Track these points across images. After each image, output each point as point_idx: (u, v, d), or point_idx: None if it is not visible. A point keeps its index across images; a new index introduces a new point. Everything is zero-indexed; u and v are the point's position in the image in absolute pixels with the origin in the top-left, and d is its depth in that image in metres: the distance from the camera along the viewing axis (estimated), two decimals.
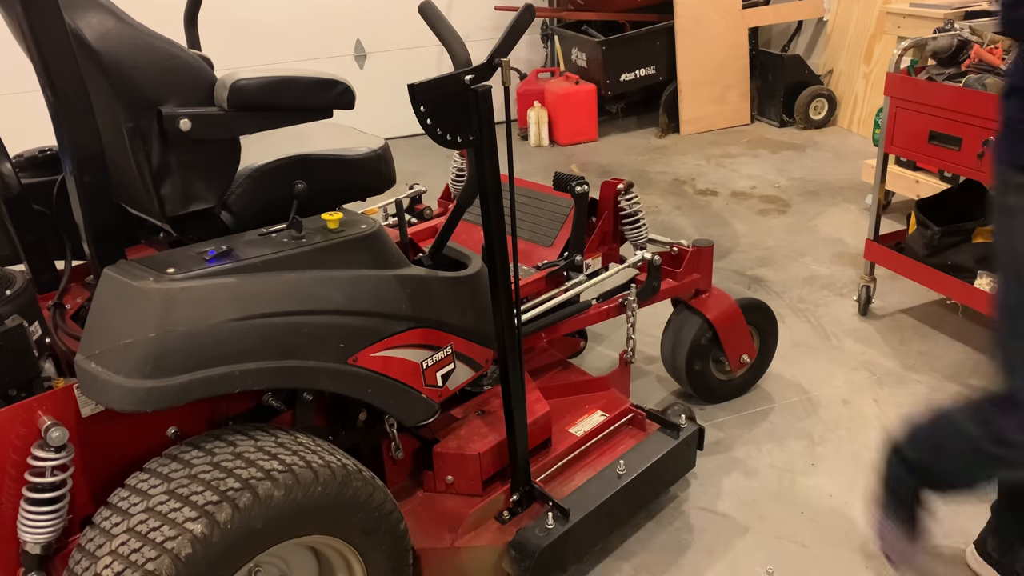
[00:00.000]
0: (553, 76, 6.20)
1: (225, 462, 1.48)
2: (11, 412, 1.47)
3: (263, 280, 1.58)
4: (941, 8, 4.02)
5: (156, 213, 1.69)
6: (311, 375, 1.62)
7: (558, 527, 1.94)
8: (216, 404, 1.71)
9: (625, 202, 2.57)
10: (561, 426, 2.25)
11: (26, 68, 1.47)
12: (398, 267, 1.79)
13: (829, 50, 6.07)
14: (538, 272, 2.40)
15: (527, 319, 2.24)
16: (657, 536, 2.26)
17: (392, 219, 2.77)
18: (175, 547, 1.35)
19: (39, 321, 1.67)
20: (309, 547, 1.68)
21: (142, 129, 1.60)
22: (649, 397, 2.87)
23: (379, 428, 1.94)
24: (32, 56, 1.38)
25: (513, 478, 2.00)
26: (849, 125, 5.87)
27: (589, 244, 2.55)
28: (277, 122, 1.75)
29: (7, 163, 1.90)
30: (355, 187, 1.97)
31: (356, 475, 1.59)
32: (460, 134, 1.65)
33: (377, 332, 1.73)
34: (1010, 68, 1.58)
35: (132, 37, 1.58)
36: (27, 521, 1.47)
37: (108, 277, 1.52)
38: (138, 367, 1.43)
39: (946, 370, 2.92)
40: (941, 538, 2.21)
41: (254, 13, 5.55)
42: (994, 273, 1.59)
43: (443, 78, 1.61)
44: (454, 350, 1.92)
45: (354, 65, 6.07)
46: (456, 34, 1.66)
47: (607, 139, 6.05)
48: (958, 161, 2.90)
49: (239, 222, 1.77)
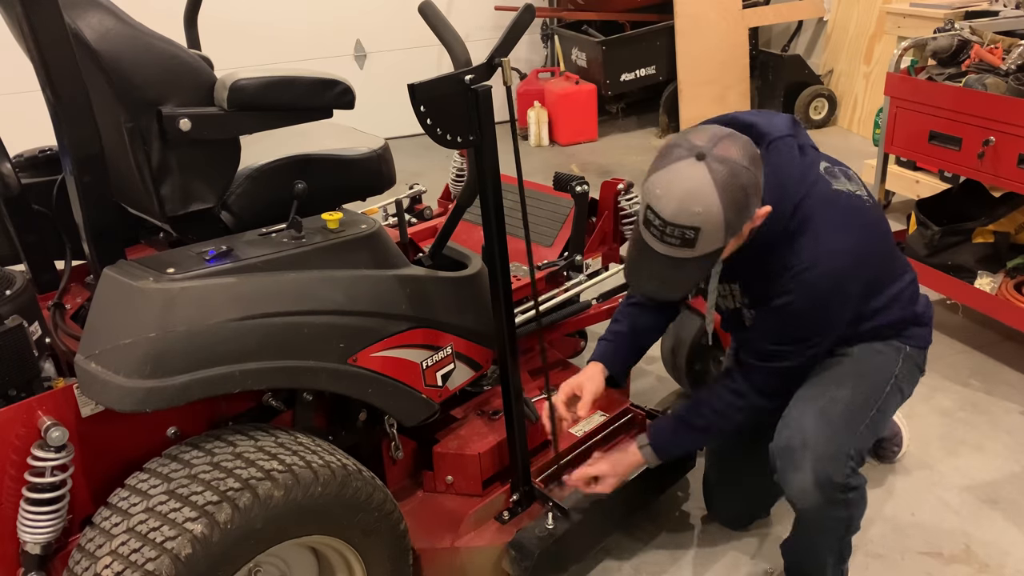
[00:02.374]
0: (553, 76, 6.19)
1: (225, 462, 1.48)
2: (11, 412, 1.46)
3: (263, 280, 1.58)
4: (941, 8, 4.03)
5: (156, 213, 1.69)
6: (311, 375, 1.62)
7: (558, 527, 1.94)
8: (216, 404, 1.70)
9: (625, 202, 2.57)
10: (561, 426, 2.25)
11: (26, 68, 1.46)
12: (398, 267, 1.79)
13: (829, 50, 6.07)
14: (538, 272, 2.39)
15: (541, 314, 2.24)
16: (657, 536, 2.26)
17: (392, 219, 2.76)
18: (175, 547, 1.35)
19: (39, 321, 1.66)
20: (309, 547, 1.68)
21: (142, 129, 1.60)
22: (649, 397, 2.86)
23: (379, 428, 1.94)
24: (32, 56, 1.38)
25: (513, 478, 2.00)
26: (849, 125, 5.87)
27: (589, 244, 2.55)
28: (277, 122, 1.75)
29: (7, 163, 1.90)
30: (355, 187, 1.97)
31: (356, 475, 1.59)
32: (460, 134, 1.65)
33: (377, 332, 1.73)
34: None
35: (132, 37, 1.58)
36: (27, 521, 1.47)
37: (108, 277, 1.52)
38: (138, 367, 1.43)
39: (946, 370, 2.92)
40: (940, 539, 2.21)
41: (254, 13, 5.54)
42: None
43: (443, 78, 1.60)
44: (454, 350, 1.92)
45: (354, 65, 6.07)
46: (456, 34, 1.66)
47: (607, 139, 6.05)
48: (958, 161, 2.90)
49: (239, 222, 1.77)
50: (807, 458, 1.73)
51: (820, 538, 1.88)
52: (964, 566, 2.13)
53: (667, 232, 1.53)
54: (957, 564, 2.13)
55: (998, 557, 2.15)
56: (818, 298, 1.69)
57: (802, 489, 1.74)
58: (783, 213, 1.66)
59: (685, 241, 1.53)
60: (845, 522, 1.83)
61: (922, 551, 2.18)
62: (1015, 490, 2.38)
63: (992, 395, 2.79)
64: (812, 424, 1.76)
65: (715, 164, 1.50)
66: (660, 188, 1.52)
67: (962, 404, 2.77)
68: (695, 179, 1.50)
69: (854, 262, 1.70)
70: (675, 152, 1.54)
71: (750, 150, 1.57)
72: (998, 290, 2.91)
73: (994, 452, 2.53)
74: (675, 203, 1.50)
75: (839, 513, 1.80)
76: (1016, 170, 2.68)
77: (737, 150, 1.54)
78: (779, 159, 1.67)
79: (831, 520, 1.82)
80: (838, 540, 1.89)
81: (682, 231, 1.52)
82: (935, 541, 2.21)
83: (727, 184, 1.50)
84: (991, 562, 2.13)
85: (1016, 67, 2.81)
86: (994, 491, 2.38)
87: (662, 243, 1.55)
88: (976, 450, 2.55)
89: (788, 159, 1.68)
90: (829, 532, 1.86)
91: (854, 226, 1.71)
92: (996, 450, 2.54)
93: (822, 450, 1.73)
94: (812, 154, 1.75)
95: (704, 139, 1.54)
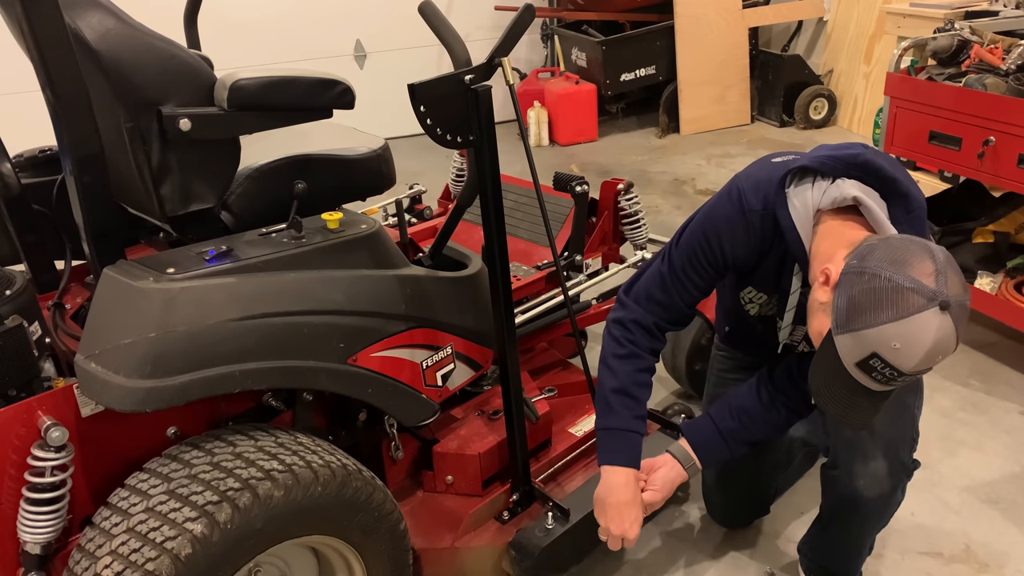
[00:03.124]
0: (553, 76, 6.19)
1: (225, 462, 1.48)
2: (11, 412, 1.46)
3: (263, 280, 1.58)
4: (941, 8, 4.03)
5: (156, 213, 1.69)
6: (311, 375, 1.62)
7: (558, 527, 1.94)
8: (216, 404, 1.70)
9: (625, 202, 2.57)
10: (561, 426, 2.25)
11: (26, 68, 1.46)
12: (398, 267, 1.79)
13: (829, 50, 6.07)
14: (538, 272, 2.39)
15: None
16: (657, 536, 2.26)
17: (392, 219, 2.76)
18: (175, 547, 1.35)
19: (39, 321, 1.66)
20: (309, 547, 1.68)
21: (142, 129, 1.59)
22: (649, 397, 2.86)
23: (379, 428, 1.94)
24: (32, 56, 1.38)
25: (513, 478, 2.00)
26: (849, 125, 5.87)
27: (589, 244, 2.55)
28: (277, 122, 1.75)
29: (7, 163, 1.90)
30: (355, 187, 1.97)
31: (356, 475, 1.59)
32: (460, 134, 1.65)
33: (377, 332, 1.73)
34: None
35: (132, 37, 1.58)
36: (27, 521, 1.47)
37: (108, 277, 1.52)
38: (138, 367, 1.43)
39: (946, 370, 2.92)
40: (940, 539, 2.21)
41: (254, 13, 5.54)
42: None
43: (443, 78, 1.60)
44: (454, 350, 1.92)
45: (354, 65, 6.07)
46: (456, 34, 1.66)
47: (607, 139, 6.05)
48: (958, 161, 2.90)
49: (239, 222, 1.77)
50: (878, 446, 1.74)
51: (875, 527, 1.88)
52: (964, 566, 2.13)
53: (899, 381, 1.43)
54: (957, 564, 2.13)
55: (998, 557, 2.15)
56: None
57: (876, 477, 1.74)
58: None
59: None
60: (897, 506, 1.83)
61: (922, 551, 2.18)
62: (1015, 490, 2.38)
63: (992, 395, 2.79)
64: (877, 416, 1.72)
65: (957, 310, 1.37)
66: (899, 342, 1.37)
67: (962, 404, 2.77)
68: (943, 333, 1.36)
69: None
70: (911, 300, 1.36)
71: (960, 274, 1.43)
72: (998, 290, 2.91)
73: (994, 452, 2.53)
74: (921, 358, 1.38)
75: (900, 497, 1.81)
76: (1016, 170, 2.68)
77: (959, 282, 1.40)
78: (921, 231, 1.58)
79: (893, 506, 1.82)
80: (879, 528, 1.90)
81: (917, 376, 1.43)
82: (935, 541, 2.21)
83: (962, 325, 1.39)
84: (991, 562, 2.13)
85: (1016, 67, 2.81)
86: (994, 491, 2.38)
87: (886, 386, 1.47)
88: (976, 450, 2.55)
89: (921, 231, 1.59)
90: (883, 520, 1.86)
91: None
92: (996, 450, 2.54)
93: (889, 435, 1.75)
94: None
95: (932, 278, 1.37)
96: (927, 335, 1.35)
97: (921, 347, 1.36)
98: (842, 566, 1.97)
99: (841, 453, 1.79)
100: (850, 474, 1.77)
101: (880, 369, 1.41)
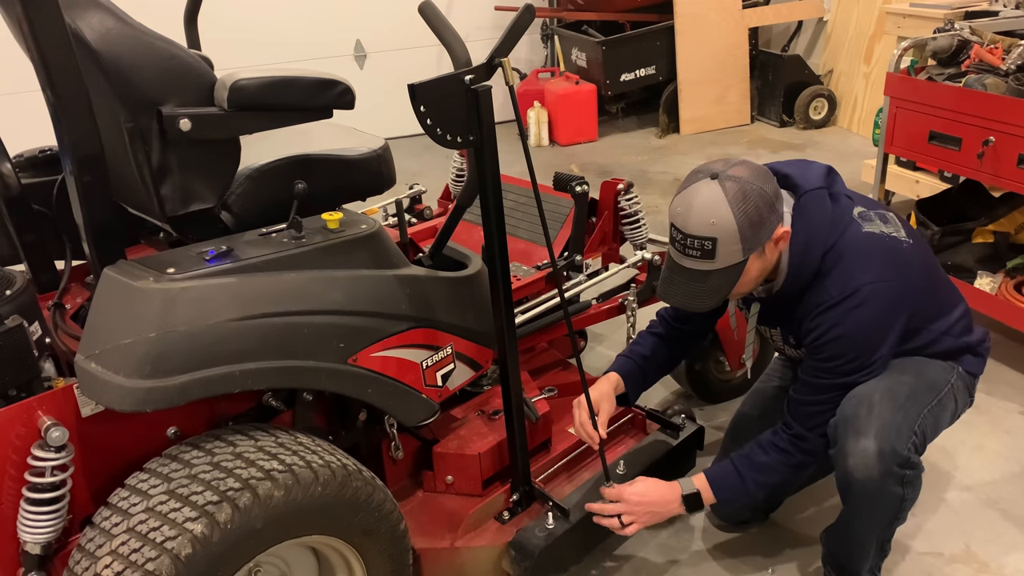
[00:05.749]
0: (553, 76, 6.19)
1: (225, 462, 1.48)
2: (11, 412, 1.47)
3: (263, 280, 1.58)
4: (941, 8, 4.03)
5: (156, 213, 1.69)
6: (311, 375, 1.62)
7: (558, 527, 1.94)
8: (216, 404, 1.71)
9: (625, 202, 2.57)
10: (561, 426, 2.25)
11: (26, 68, 1.46)
12: (398, 267, 1.79)
13: (829, 50, 6.07)
14: (538, 272, 2.39)
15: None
16: (657, 536, 2.26)
17: (392, 219, 2.77)
18: (175, 547, 1.35)
19: (39, 321, 1.66)
20: (309, 547, 1.68)
21: (142, 129, 1.60)
22: (649, 397, 2.87)
23: (379, 428, 1.94)
24: (32, 56, 1.38)
25: (513, 478, 2.00)
26: (849, 125, 5.87)
27: (589, 244, 2.55)
28: (277, 122, 1.75)
29: (7, 163, 1.90)
30: (355, 187, 1.97)
31: (356, 475, 1.59)
32: (460, 134, 1.65)
33: (377, 332, 1.73)
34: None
35: (132, 37, 1.58)
36: (27, 521, 1.47)
37: (108, 277, 1.52)
38: (138, 367, 1.43)
39: None
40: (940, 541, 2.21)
41: (254, 13, 5.55)
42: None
43: (443, 78, 1.60)
44: (454, 350, 1.92)
45: (354, 65, 6.07)
46: (456, 34, 1.66)
47: (607, 139, 6.05)
48: (958, 161, 2.90)
49: (239, 222, 1.77)
50: (872, 424, 1.75)
51: (870, 516, 1.86)
52: (964, 566, 2.13)
53: (688, 245, 1.71)
54: (957, 564, 2.13)
55: (998, 557, 2.15)
56: (853, 330, 1.76)
57: (864, 455, 1.74)
58: (813, 258, 1.78)
59: (705, 252, 1.70)
60: (899, 501, 1.81)
61: (922, 551, 2.18)
62: (1015, 490, 2.38)
63: (992, 395, 2.79)
64: (880, 397, 1.78)
65: (727, 182, 1.68)
66: (680, 206, 1.72)
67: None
68: (709, 195, 1.68)
69: (886, 295, 1.76)
70: (694, 176, 1.73)
71: (762, 172, 1.73)
72: (998, 290, 2.91)
73: (994, 452, 2.54)
74: (692, 217, 1.69)
75: (895, 489, 1.78)
76: (1016, 170, 2.68)
77: (748, 171, 1.71)
78: (809, 210, 1.80)
79: (886, 497, 1.80)
80: (887, 522, 1.87)
81: (701, 242, 1.69)
82: (935, 541, 2.21)
83: (737, 198, 1.66)
84: (991, 562, 2.13)
85: (1016, 67, 2.81)
86: (994, 491, 2.38)
87: (685, 256, 1.74)
88: (976, 450, 2.55)
89: (818, 208, 1.80)
90: (881, 510, 1.84)
91: (886, 262, 1.78)
92: (996, 450, 2.54)
93: (888, 418, 1.75)
94: (845, 202, 1.85)
95: (720, 164, 1.73)
96: (696, 198, 1.69)
97: (689, 206, 1.69)
98: (846, 557, 1.96)
99: (839, 429, 1.80)
100: (843, 452, 1.78)
101: (674, 236, 1.74)
